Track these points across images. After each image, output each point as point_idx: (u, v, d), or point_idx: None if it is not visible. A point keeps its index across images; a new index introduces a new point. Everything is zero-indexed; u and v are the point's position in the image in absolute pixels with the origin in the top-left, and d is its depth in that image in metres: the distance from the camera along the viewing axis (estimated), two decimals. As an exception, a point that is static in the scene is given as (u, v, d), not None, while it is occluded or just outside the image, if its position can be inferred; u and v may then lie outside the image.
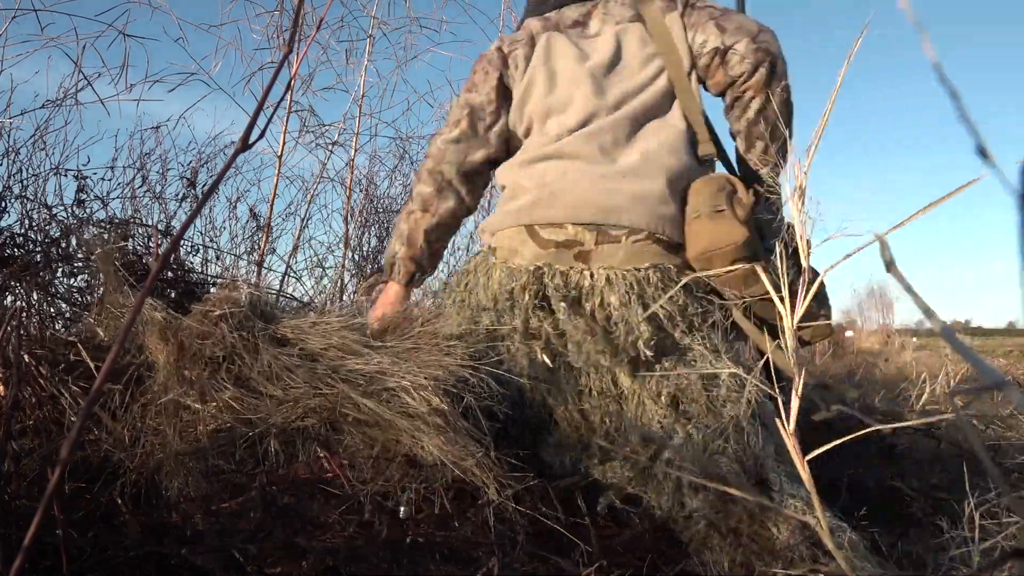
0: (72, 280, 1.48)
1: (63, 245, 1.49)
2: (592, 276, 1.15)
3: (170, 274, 1.51)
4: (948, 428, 1.66)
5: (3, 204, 1.56)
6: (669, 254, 1.18)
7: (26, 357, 1.00)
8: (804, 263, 0.73)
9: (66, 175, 1.71)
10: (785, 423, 0.69)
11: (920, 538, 1.13)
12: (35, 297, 1.36)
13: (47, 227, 1.58)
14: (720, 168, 1.34)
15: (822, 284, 0.93)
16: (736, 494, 0.87)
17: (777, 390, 0.77)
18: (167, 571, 0.82)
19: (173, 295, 1.49)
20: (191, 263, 1.89)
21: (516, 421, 1.10)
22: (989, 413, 1.79)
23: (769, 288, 0.74)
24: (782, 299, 0.73)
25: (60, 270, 1.46)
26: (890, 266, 0.38)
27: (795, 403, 0.69)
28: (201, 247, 2.05)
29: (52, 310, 1.43)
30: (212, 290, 1.51)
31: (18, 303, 1.32)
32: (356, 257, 2.66)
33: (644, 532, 1.00)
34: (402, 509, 0.93)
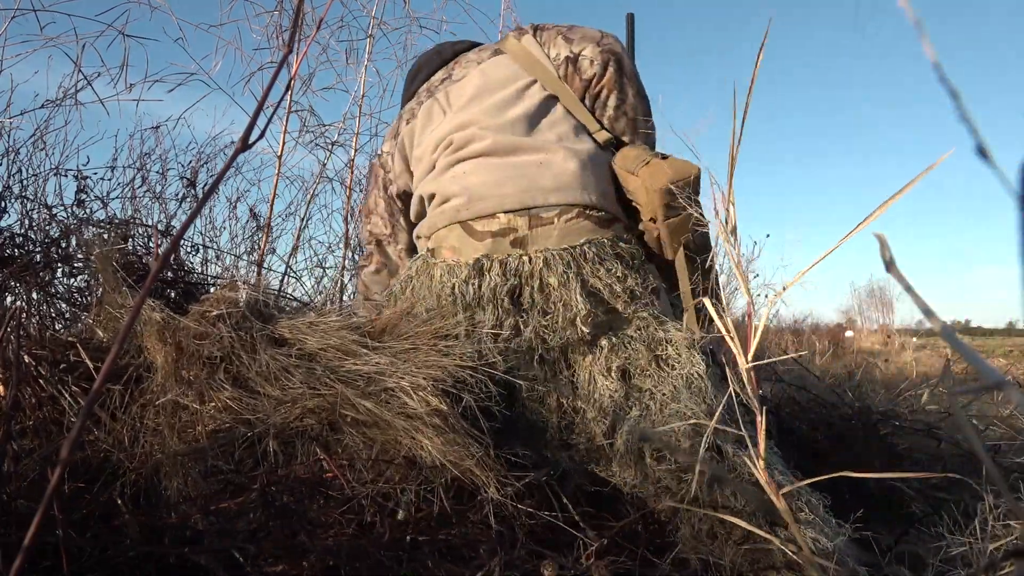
0: (72, 280, 1.48)
1: (63, 245, 1.49)
2: (530, 260, 1.18)
3: (170, 274, 1.51)
4: (948, 428, 1.66)
5: (3, 204, 1.56)
6: (601, 228, 1.22)
7: (26, 357, 1.00)
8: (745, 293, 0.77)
9: (66, 175, 1.71)
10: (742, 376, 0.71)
11: (920, 538, 1.13)
12: (35, 297, 1.36)
13: (47, 227, 1.58)
14: None
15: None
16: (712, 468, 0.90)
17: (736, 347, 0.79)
18: (167, 571, 0.82)
19: (173, 295, 1.49)
20: (191, 263, 1.89)
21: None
22: (989, 413, 1.79)
23: (722, 231, 0.78)
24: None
25: (60, 270, 1.46)
26: (890, 266, 0.38)
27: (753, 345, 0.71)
28: (201, 247, 2.05)
29: (52, 310, 1.43)
30: (211, 290, 1.51)
31: (18, 303, 1.32)
32: (356, 257, 2.65)
33: (636, 522, 1.01)
34: (400, 512, 0.93)
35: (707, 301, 0.88)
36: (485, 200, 1.23)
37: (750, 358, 0.72)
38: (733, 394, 0.85)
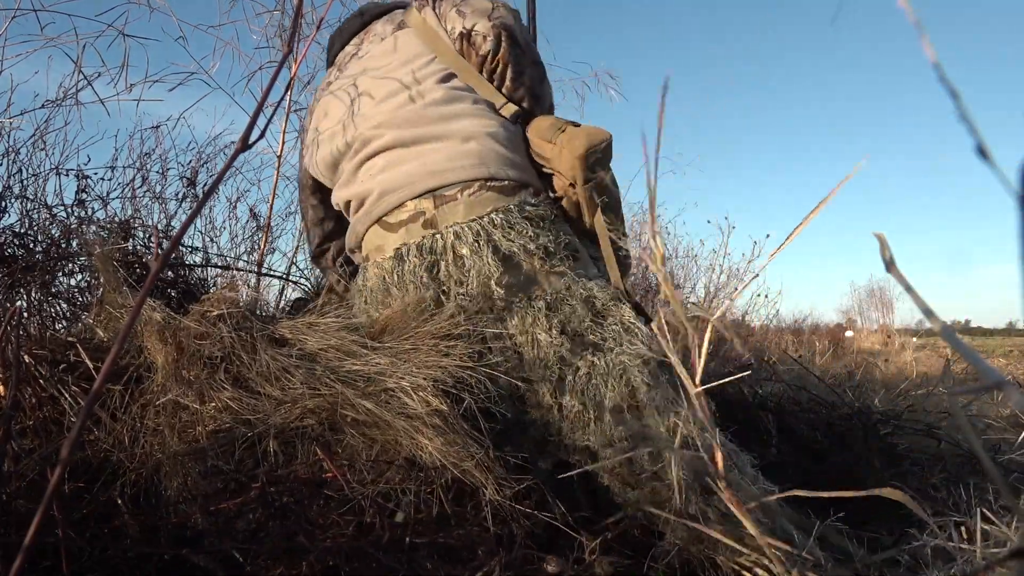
0: (72, 280, 1.48)
1: (63, 245, 1.49)
2: (441, 237, 1.21)
3: (170, 274, 1.51)
4: (948, 428, 1.66)
5: (3, 204, 1.56)
6: (507, 196, 1.24)
7: (26, 357, 1.00)
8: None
9: (67, 175, 1.70)
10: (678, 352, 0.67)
11: (919, 538, 1.13)
12: (35, 297, 1.36)
13: (48, 227, 1.58)
14: None
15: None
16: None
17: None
18: (167, 571, 0.82)
19: (173, 295, 1.49)
20: (192, 262, 1.89)
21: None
22: (989, 413, 1.79)
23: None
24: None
25: (60, 270, 1.46)
26: (890, 266, 0.38)
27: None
28: (202, 250, 2.04)
29: (52, 310, 1.43)
30: (212, 290, 1.51)
31: (18, 303, 1.32)
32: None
33: (631, 525, 1.01)
34: (399, 514, 0.93)
35: (646, 256, 0.89)
36: (393, 192, 1.25)
37: (698, 381, 0.61)
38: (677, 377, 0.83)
